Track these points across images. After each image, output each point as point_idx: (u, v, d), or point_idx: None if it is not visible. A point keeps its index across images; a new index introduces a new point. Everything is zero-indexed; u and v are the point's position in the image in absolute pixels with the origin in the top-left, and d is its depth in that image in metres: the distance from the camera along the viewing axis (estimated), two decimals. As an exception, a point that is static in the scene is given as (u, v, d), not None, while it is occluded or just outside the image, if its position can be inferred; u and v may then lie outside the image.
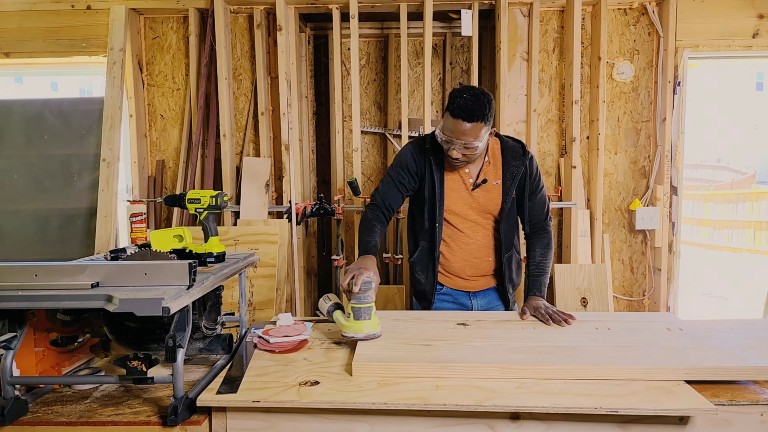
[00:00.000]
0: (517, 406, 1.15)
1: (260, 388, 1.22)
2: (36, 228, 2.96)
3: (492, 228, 1.85)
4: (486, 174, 1.80)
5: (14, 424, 1.16)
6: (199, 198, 1.51)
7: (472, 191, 1.80)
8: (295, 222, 2.95)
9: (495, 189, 1.80)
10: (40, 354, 1.30)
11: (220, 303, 1.50)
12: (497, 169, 1.81)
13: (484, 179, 1.79)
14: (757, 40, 2.95)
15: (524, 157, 1.80)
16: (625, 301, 3.16)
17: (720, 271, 7.61)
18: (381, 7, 3.01)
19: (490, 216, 1.83)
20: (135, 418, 1.17)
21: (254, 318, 2.56)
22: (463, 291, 1.91)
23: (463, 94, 1.61)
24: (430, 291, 1.88)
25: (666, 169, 2.99)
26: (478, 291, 1.91)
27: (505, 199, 1.79)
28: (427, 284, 1.88)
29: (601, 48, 2.92)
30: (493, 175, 1.80)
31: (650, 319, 1.68)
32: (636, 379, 1.25)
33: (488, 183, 1.79)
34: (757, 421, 1.19)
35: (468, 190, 1.80)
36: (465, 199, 1.81)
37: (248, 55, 3.12)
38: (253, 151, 3.14)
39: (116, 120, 2.90)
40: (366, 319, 1.47)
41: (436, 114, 3.52)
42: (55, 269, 1.17)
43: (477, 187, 1.79)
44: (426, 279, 1.88)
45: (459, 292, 1.91)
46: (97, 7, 3.01)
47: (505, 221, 1.82)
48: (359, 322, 1.48)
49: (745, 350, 1.39)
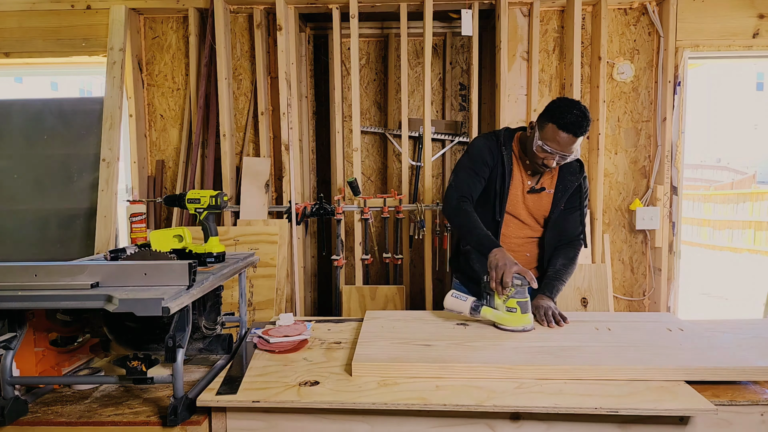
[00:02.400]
0: (517, 406, 1.15)
1: (260, 388, 1.22)
2: (36, 228, 2.95)
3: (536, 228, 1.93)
4: (544, 182, 1.89)
5: (14, 424, 1.16)
6: (199, 198, 1.51)
7: (527, 194, 1.88)
8: (295, 222, 2.95)
9: (546, 197, 1.89)
10: (39, 354, 1.30)
11: (220, 303, 1.50)
12: (553, 179, 1.89)
13: (543, 187, 1.88)
14: (758, 39, 2.95)
15: (580, 174, 1.88)
16: (625, 301, 3.16)
17: (720, 271, 7.61)
18: (381, 6, 3.01)
19: (535, 219, 1.91)
20: (135, 418, 1.17)
21: (254, 318, 2.56)
22: None
23: (573, 109, 1.66)
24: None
25: (666, 169, 2.99)
26: None
27: (554, 209, 1.87)
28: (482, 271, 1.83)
29: (601, 48, 2.92)
30: (548, 184, 1.89)
31: (650, 320, 1.68)
32: (636, 380, 1.25)
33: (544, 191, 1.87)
34: (758, 421, 1.19)
35: (523, 193, 1.89)
36: (519, 200, 1.89)
37: (248, 55, 3.12)
38: (253, 151, 3.14)
39: (116, 120, 2.90)
40: (528, 312, 1.56)
41: (436, 114, 3.52)
42: (55, 269, 1.17)
43: (533, 192, 1.87)
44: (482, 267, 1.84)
45: None
46: (97, 7, 3.01)
47: (550, 230, 1.89)
48: (526, 315, 1.55)
49: (746, 350, 1.39)
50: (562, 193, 1.87)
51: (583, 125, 1.66)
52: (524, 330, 1.54)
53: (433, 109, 3.48)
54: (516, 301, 1.54)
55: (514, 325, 1.54)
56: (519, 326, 1.54)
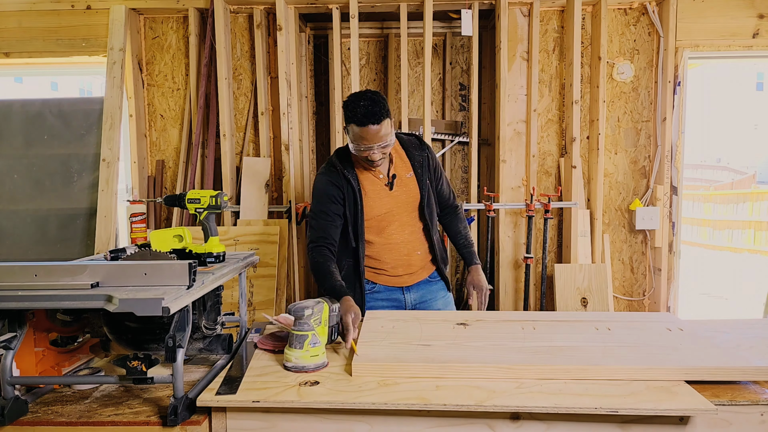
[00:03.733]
0: (517, 406, 1.15)
1: (260, 388, 1.22)
2: (36, 228, 2.96)
3: (416, 222, 1.91)
4: (396, 169, 1.86)
5: (14, 424, 1.16)
6: (199, 198, 1.51)
7: (391, 190, 1.85)
8: (295, 222, 2.95)
9: (411, 181, 1.87)
10: (40, 354, 1.30)
11: (220, 303, 1.50)
12: (405, 163, 1.88)
13: (394, 174, 1.85)
14: (757, 39, 2.95)
15: (422, 147, 1.92)
16: (625, 301, 3.16)
17: (720, 271, 7.62)
18: (381, 7, 3.01)
19: (412, 210, 1.89)
20: (135, 418, 1.17)
21: (254, 318, 2.56)
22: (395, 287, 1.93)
23: (360, 101, 1.65)
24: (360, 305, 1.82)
25: (666, 169, 2.99)
26: (411, 285, 1.94)
27: (422, 187, 1.87)
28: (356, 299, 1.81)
29: (601, 48, 2.92)
30: (403, 169, 1.87)
31: (650, 319, 1.68)
32: (636, 380, 1.25)
33: (400, 177, 1.85)
34: (757, 421, 1.19)
35: (387, 190, 1.85)
36: (385, 199, 1.85)
37: (248, 55, 3.12)
38: (253, 151, 3.14)
39: (116, 120, 2.90)
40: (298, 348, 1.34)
41: (436, 114, 3.52)
42: (55, 269, 1.17)
43: (392, 183, 1.84)
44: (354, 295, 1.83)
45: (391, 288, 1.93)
46: (97, 7, 3.01)
47: (426, 207, 1.90)
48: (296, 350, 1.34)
49: (745, 350, 1.39)
50: (421, 170, 1.87)
51: (376, 112, 1.64)
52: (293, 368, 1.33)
53: (433, 109, 3.48)
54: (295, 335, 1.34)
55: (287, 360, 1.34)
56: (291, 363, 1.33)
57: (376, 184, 1.84)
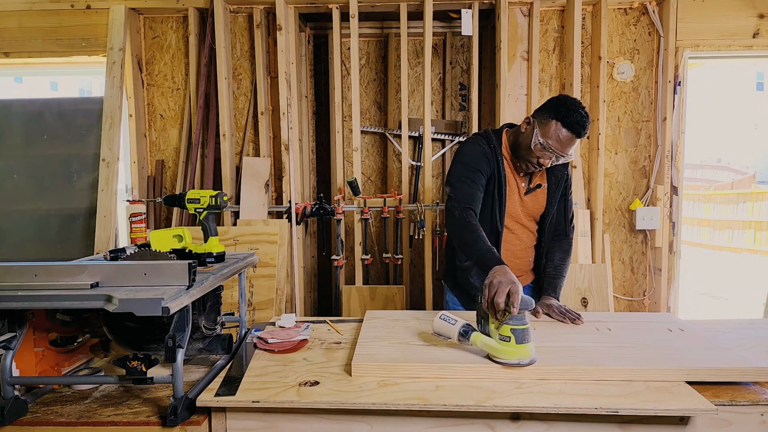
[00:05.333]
0: (517, 406, 1.15)
1: (260, 389, 1.22)
2: (36, 228, 2.95)
3: (534, 230, 1.87)
4: (538, 179, 1.82)
5: (14, 424, 1.16)
6: (199, 198, 1.51)
7: (524, 195, 1.81)
8: (294, 222, 2.95)
9: (541, 193, 1.82)
10: (39, 354, 1.30)
11: (219, 303, 1.49)
12: (543, 174, 1.83)
13: (539, 184, 1.81)
14: (758, 39, 2.95)
15: (566, 165, 1.83)
16: (625, 301, 3.15)
17: (720, 271, 7.61)
18: (381, 6, 3.01)
19: (533, 219, 1.85)
20: (134, 419, 1.17)
21: (254, 318, 2.56)
22: None
23: (578, 108, 1.60)
24: None
25: (666, 169, 2.99)
26: None
27: (551, 202, 1.82)
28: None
29: (602, 48, 2.91)
30: (540, 180, 1.83)
31: (651, 320, 1.68)
32: (636, 380, 1.25)
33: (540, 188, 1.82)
34: (758, 421, 1.19)
35: (521, 195, 1.81)
36: (517, 202, 1.81)
37: (248, 54, 3.12)
38: (253, 151, 3.14)
39: (116, 120, 2.90)
40: (529, 342, 1.27)
41: (436, 114, 3.52)
42: (54, 269, 1.17)
43: (530, 192, 1.81)
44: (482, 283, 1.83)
45: None
46: (97, 7, 3.01)
47: (548, 224, 1.84)
48: (523, 346, 1.27)
49: (746, 350, 1.39)
50: (555, 186, 1.81)
51: (586, 126, 1.61)
52: (519, 364, 1.26)
53: (433, 108, 3.48)
54: (510, 328, 1.26)
55: (508, 357, 1.26)
56: (513, 359, 1.26)
57: (513, 186, 1.80)
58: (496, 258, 1.48)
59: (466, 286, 1.89)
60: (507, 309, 1.28)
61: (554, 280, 1.81)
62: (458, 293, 1.95)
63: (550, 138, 1.62)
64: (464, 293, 1.92)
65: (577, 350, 1.38)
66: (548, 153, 1.64)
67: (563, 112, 1.60)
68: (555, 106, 1.63)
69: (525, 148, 1.69)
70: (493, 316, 1.32)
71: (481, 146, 1.76)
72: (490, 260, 1.46)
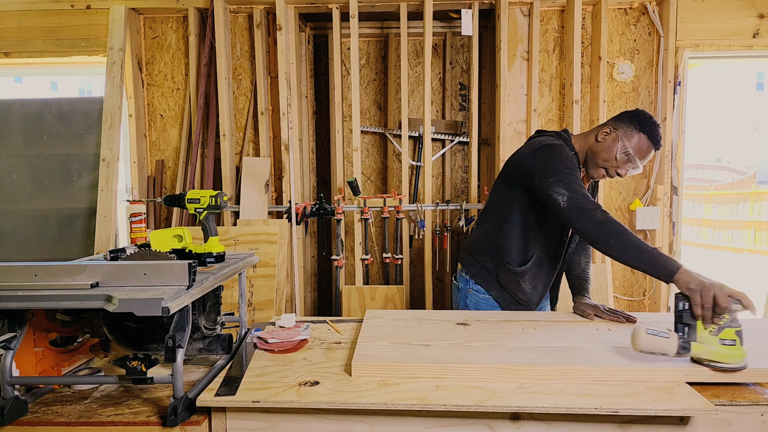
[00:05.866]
0: (517, 406, 1.15)
1: (260, 389, 1.22)
2: (36, 228, 2.95)
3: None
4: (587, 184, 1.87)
5: (14, 425, 1.16)
6: (199, 198, 1.51)
7: None
8: (294, 222, 2.95)
9: None
10: (39, 354, 1.30)
11: (219, 303, 1.49)
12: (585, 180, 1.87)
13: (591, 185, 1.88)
14: (758, 39, 2.95)
15: None
16: (625, 301, 3.15)
17: (720, 271, 7.61)
18: (381, 6, 3.01)
19: None
20: (134, 419, 1.16)
21: (254, 318, 2.56)
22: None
23: (659, 125, 1.70)
24: (536, 302, 1.88)
25: (666, 169, 2.99)
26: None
27: None
28: (534, 295, 1.86)
29: (602, 48, 2.91)
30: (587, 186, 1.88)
31: (650, 320, 1.68)
32: (636, 380, 1.25)
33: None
34: (758, 421, 1.19)
35: None
36: None
37: (248, 54, 3.12)
38: (253, 151, 3.14)
39: (116, 120, 2.90)
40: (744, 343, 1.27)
41: (436, 114, 3.52)
42: (54, 269, 1.17)
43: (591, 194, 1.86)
44: (534, 290, 1.84)
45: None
46: (97, 7, 3.01)
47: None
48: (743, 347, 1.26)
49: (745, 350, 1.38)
50: (592, 191, 1.92)
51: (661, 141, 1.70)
52: (745, 367, 1.25)
53: (433, 108, 3.48)
54: (734, 331, 1.26)
55: (736, 361, 1.24)
56: (741, 362, 1.24)
57: None
58: (672, 259, 1.39)
59: (514, 290, 1.84)
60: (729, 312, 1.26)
61: (584, 282, 1.89)
62: (497, 294, 1.87)
63: (637, 151, 1.69)
64: (507, 295, 1.86)
65: (577, 350, 1.38)
66: (629, 164, 1.70)
67: (649, 127, 1.67)
68: (640, 120, 1.69)
69: (605, 156, 1.72)
70: (706, 322, 1.28)
71: (568, 150, 1.73)
72: (671, 263, 1.37)
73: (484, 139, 3.41)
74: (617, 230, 1.44)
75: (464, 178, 3.55)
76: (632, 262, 1.42)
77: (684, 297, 1.30)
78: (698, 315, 1.27)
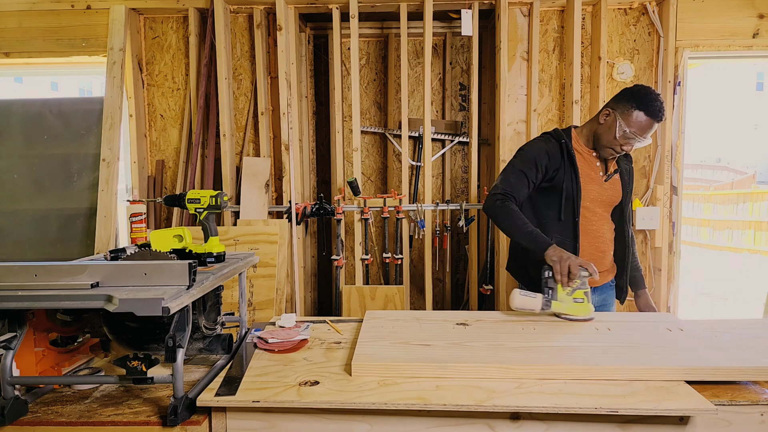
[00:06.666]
0: (517, 406, 1.15)
1: (260, 388, 1.22)
2: (36, 228, 2.96)
3: (611, 222, 1.96)
4: (612, 167, 1.91)
5: (14, 424, 1.16)
6: (199, 198, 1.51)
7: (605, 182, 1.89)
8: (295, 222, 2.95)
9: (617, 181, 1.92)
10: (39, 354, 1.30)
11: (220, 303, 1.50)
12: (614, 165, 1.92)
13: (616, 169, 1.90)
14: (758, 39, 2.95)
15: (628, 157, 1.99)
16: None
17: (720, 271, 7.61)
18: (381, 7, 3.01)
19: (610, 207, 1.94)
20: (135, 418, 1.17)
21: (254, 318, 2.56)
22: None
23: (657, 97, 1.73)
24: None
25: (666, 169, 2.99)
26: (597, 286, 1.96)
27: (626, 191, 1.93)
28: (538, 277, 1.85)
29: (601, 48, 2.92)
30: (612, 167, 1.92)
31: (650, 320, 1.68)
32: (636, 380, 1.25)
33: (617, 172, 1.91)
34: (757, 421, 1.19)
35: (601, 181, 1.89)
36: (597, 190, 1.89)
37: (248, 54, 3.12)
38: (253, 151, 3.14)
39: (116, 120, 2.90)
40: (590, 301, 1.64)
41: (436, 114, 3.52)
42: (54, 269, 1.17)
43: (609, 178, 1.89)
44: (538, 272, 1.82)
45: None
46: (97, 7, 3.01)
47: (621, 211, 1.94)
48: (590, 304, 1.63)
49: (745, 350, 1.39)
50: (628, 177, 1.93)
51: (664, 112, 1.74)
52: (591, 318, 1.62)
53: (433, 109, 3.48)
54: (583, 292, 1.62)
55: (584, 314, 1.62)
56: (588, 315, 1.62)
57: (593, 170, 1.88)
58: (546, 239, 1.68)
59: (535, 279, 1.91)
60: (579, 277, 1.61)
61: (639, 273, 2.03)
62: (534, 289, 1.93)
63: (633, 126, 1.74)
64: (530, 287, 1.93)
65: (577, 350, 1.38)
66: (631, 139, 1.76)
67: (645, 101, 1.72)
68: (635, 96, 1.74)
69: (608, 137, 1.80)
70: (564, 285, 1.61)
71: (546, 143, 1.87)
72: (544, 240, 1.68)
73: (484, 139, 3.41)
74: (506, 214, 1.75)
75: (464, 178, 3.55)
76: (516, 239, 1.76)
77: (549, 267, 1.64)
78: (558, 280, 1.62)
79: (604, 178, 1.89)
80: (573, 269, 1.58)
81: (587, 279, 1.62)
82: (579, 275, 1.60)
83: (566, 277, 1.60)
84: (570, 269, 1.59)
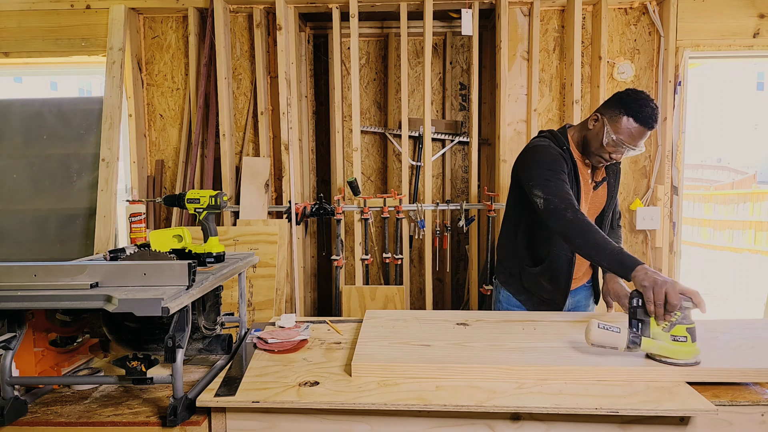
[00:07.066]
0: (518, 406, 1.15)
1: (260, 389, 1.22)
2: (35, 228, 2.95)
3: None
4: (601, 173, 1.84)
5: (13, 425, 1.15)
6: (199, 198, 1.51)
7: (593, 191, 1.83)
8: (294, 222, 2.95)
9: (603, 188, 1.85)
10: (39, 354, 1.30)
11: (219, 303, 1.49)
12: (602, 171, 1.84)
13: (604, 177, 1.83)
14: (758, 39, 2.95)
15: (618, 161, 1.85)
16: (625, 301, 3.15)
17: (720, 271, 7.61)
18: (381, 6, 3.01)
19: (594, 215, 1.87)
20: (134, 419, 1.16)
21: (254, 318, 2.56)
22: None
23: (649, 102, 1.61)
24: (561, 299, 1.83)
25: (667, 169, 2.99)
26: (574, 288, 1.90)
27: (612, 196, 1.85)
28: (558, 293, 1.83)
29: (602, 47, 2.91)
30: (601, 175, 1.84)
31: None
32: (636, 380, 1.25)
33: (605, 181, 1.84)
34: (758, 421, 1.18)
35: (590, 189, 1.82)
36: (585, 199, 1.82)
37: (248, 54, 3.12)
38: (253, 151, 3.14)
39: (115, 120, 2.90)
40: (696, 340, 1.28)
41: (436, 113, 3.51)
42: (54, 269, 1.17)
43: (597, 186, 1.82)
44: (556, 287, 1.82)
45: None
46: (97, 7, 3.01)
47: (605, 217, 1.87)
48: (695, 344, 1.27)
49: (746, 351, 1.38)
50: (614, 180, 1.85)
51: (657, 118, 1.63)
52: (696, 363, 1.26)
53: (433, 108, 3.48)
54: (685, 328, 1.27)
55: (687, 357, 1.26)
56: (691, 358, 1.26)
57: (584, 178, 1.79)
58: (634, 257, 1.41)
59: (537, 290, 1.86)
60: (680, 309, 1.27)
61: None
62: (525, 298, 1.90)
63: (622, 134, 1.63)
64: (533, 297, 1.88)
65: (577, 350, 1.38)
66: (621, 148, 1.65)
67: (635, 108, 1.61)
68: (625, 102, 1.62)
69: (596, 144, 1.70)
70: (659, 319, 1.29)
71: (557, 149, 1.74)
72: (630, 259, 1.39)
73: (484, 138, 3.41)
74: (583, 230, 1.49)
75: (464, 178, 3.55)
76: (596, 260, 1.48)
77: (639, 294, 1.32)
78: (651, 311, 1.29)
79: (593, 185, 1.81)
80: (671, 298, 1.25)
81: (690, 311, 1.28)
82: (681, 306, 1.26)
83: (662, 309, 1.27)
84: (668, 298, 1.26)
